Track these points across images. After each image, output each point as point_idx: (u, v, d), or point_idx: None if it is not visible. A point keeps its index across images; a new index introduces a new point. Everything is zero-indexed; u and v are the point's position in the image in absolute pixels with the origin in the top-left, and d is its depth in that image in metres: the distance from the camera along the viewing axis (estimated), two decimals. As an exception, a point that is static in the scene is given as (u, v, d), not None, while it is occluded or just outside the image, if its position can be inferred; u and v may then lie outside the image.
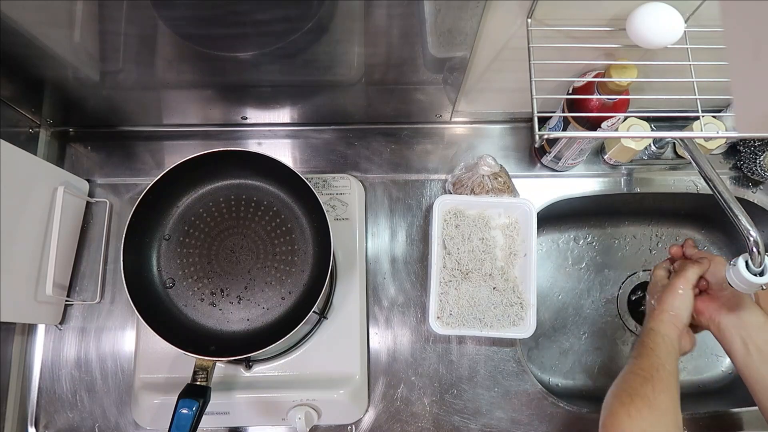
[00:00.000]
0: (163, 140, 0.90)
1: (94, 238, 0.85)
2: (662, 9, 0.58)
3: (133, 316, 0.82)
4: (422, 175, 0.89)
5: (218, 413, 0.75)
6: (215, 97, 0.83)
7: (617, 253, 1.00)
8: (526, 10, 0.62)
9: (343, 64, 0.73)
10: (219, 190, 0.76)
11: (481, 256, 0.81)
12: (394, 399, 0.80)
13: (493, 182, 0.82)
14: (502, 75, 0.76)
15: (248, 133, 0.91)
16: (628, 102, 0.72)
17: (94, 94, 0.80)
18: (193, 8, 0.59)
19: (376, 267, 0.85)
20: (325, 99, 0.84)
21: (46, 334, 0.82)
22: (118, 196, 0.88)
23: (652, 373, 0.64)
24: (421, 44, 0.67)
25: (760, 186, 0.89)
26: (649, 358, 0.65)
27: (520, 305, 0.80)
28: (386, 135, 0.91)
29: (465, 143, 0.91)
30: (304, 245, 0.75)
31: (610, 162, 0.88)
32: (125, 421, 0.79)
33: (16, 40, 0.64)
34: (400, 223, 0.87)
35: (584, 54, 0.69)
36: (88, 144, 0.90)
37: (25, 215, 0.73)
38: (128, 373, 0.80)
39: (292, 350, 0.78)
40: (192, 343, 0.66)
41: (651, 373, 0.64)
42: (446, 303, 0.80)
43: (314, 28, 0.63)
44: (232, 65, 0.72)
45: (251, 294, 0.73)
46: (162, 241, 0.74)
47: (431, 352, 0.82)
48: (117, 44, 0.67)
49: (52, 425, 0.79)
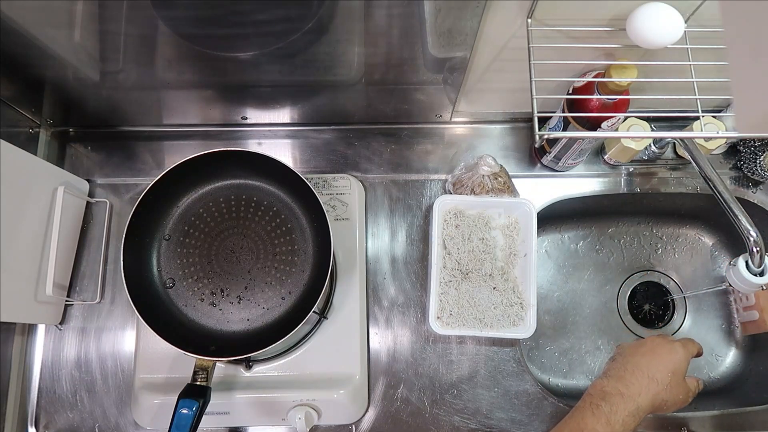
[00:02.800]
0: (163, 140, 0.90)
1: (94, 238, 0.85)
2: (662, 9, 0.58)
3: (133, 316, 0.82)
4: (422, 175, 0.89)
5: (218, 413, 0.75)
6: (215, 97, 0.83)
7: (617, 253, 1.00)
8: (526, 10, 0.62)
9: (343, 64, 0.73)
10: (219, 190, 0.76)
11: (481, 256, 0.81)
12: (394, 399, 0.80)
13: (493, 182, 0.82)
14: (502, 75, 0.76)
15: (248, 133, 0.91)
16: (628, 102, 0.72)
17: (94, 94, 0.80)
18: (193, 8, 0.59)
19: (376, 267, 0.85)
20: (325, 99, 0.84)
21: (46, 334, 0.82)
22: (118, 196, 0.88)
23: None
24: (421, 44, 0.67)
25: (760, 186, 0.89)
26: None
27: (520, 305, 0.80)
28: (386, 135, 0.91)
29: (465, 143, 0.91)
30: (304, 245, 0.75)
31: (610, 162, 0.88)
32: (125, 421, 0.79)
33: (16, 40, 0.64)
34: (400, 223, 0.87)
35: (584, 54, 0.69)
36: (88, 144, 0.90)
37: (25, 215, 0.73)
38: (128, 373, 0.80)
39: (292, 350, 0.78)
40: (192, 343, 0.66)
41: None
42: (446, 303, 0.80)
43: (314, 28, 0.63)
44: (232, 65, 0.72)
45: (251, 294, 0.73)
46: (162, 241, 0.74)
47: (431, 352, 0.82)
48: (117, 44, 0.67)
49: (52, 425, 0.79)
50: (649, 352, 0.68)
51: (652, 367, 0.66)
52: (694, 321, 0.96)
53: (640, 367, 0.66)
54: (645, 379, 0.65)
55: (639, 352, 0.68)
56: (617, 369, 0.67)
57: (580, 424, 0.61)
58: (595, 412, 0.62)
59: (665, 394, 0.65)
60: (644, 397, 0.63)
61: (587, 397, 0.65)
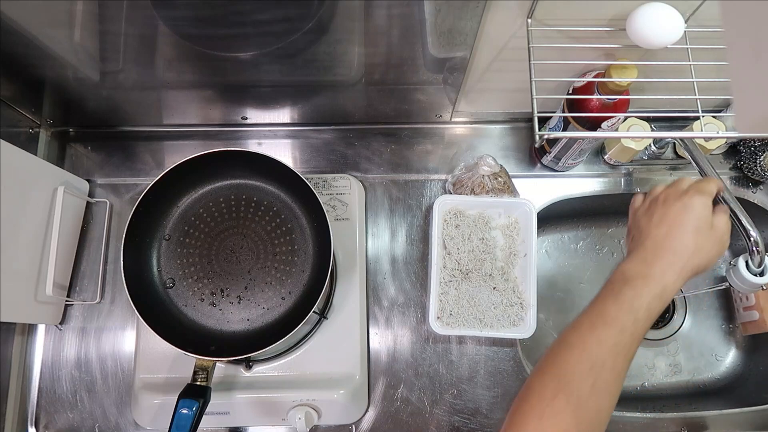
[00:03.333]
0: (163, 140, 0.90)
1: (94, 238, 0.85)
2: (662, 9, 0.58)
3: (133, 316, 0.82)
4: (422, 175, 0.89)
5: (218, 413, 0.75)
6: (215, 97, 0.83)
7: (617, 253, 1.00)
8: (526, 10, 0.62)
9: (343, 64, 0.72)
10: (219, 190, 0.76)
11: (481, 256, 0.81)
12: (394, 399, 0.80)
13: (493, 182, 0.82)
14: (502, 75, 0.76)
15: (248, 133, 0.91)
16: (628, 102, 0.72)
17: (94, 94, 0.80)
18: (193, 8, 0.59)
19: (376, 267, 0.85)
20: (325, 99, 0.84)
21: (46, 334, 0.82)
22: (118, 196, 0.88)
23: (604, 361, 0.50)
24: (421, 44, 0.67)
25: (760, 186, 0.89)
26: (611, 329, 0.51)
27: (520, 305, 0.80)
28: (386, 135, 0.91)
29: (465, 143, 0.91)
30: (304, 245, 0.75)
31: (610, 162, 0.88)
32: (125, 421, 0.79)
33: (16, 40, 0.64)
34: (400, 223, 0.87)
35: (584, 54, 0.69)
36: (88, 144, 0.90)
37: (25, 215, 0.73)
38: (128, 373, 0.80)
39: (292, 350, 0.78)
40: (192, 343, 0.66)
41: (603, 359, 0.50)
42: (446, 303, 0.80)
43: (314, 28, 0.63)
44: (232, 65, 0.72)
45: (251, 294, 0.73)
46: (162, 241, 0.74)
47: (431, 352, 0.82)
48: (117, 44, 0.67)
49: (52, 425, 0.79)
50: (662, 221, 0.59)
51: (670, 239, 0.57)
52: (694, 321, 0.96)
53: (658, 243, 0.58)
54: (667, 255, 0.57)
55: (652, 223, 0.60)
56: (636, 249, 0.59)
57: (601, 312, 0.54)
58: (618, 298, 0.54)
59: (695, 260, 0.57)
60: (670, 275, 0.55)
61: (608, 284, 0.57)
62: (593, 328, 0.52)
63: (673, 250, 0.57)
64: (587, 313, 0.55)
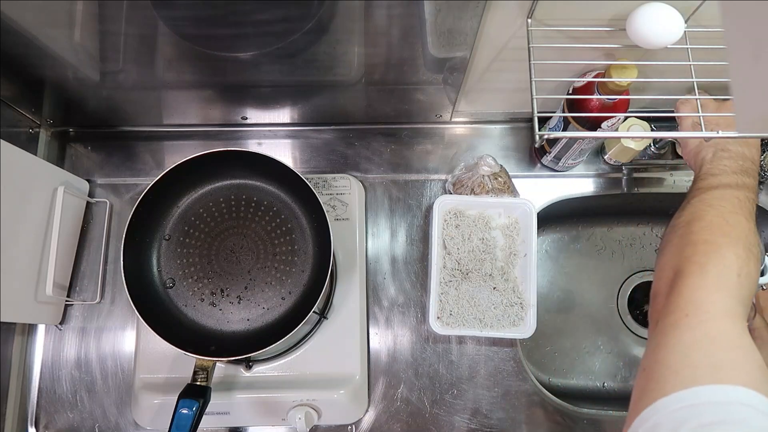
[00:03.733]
0: (163, 140, 0.91)
1: (94, 238, 0.85)
2: (662, 9, 0.58)
3: (133, 316, 0.82)
4: (422, 175, 0.89)
5: (218, 413, 0.75)
6: (215, 97, 0.83)
7: (617, 253, 1.00)
8: (526, 10, 0.62)
9: (343, 64, 0.73)
10: (219, 190, 0.76)
11: (481, 256, 0.81)
12: (394, 399, 0.80)
13: (493, 182, 0.82)
14: (502, 75, 0.76)
15: (248, 133, 0.91)
16: (628, 102, 0.72)
17: (94, 94, 0.80)
18: (193, 8, 0.59)
19: (376, 267, 0.85)
20: (325, 99, 0.84)
21: (46, 334, 0.82)
22: (118, 196, 0.88)
23: (728, 231, 0.53)
24: (421, 44, 0.67)
25: (761, 186, 0.89)
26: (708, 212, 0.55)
27: (520, 305, 0.80)
28: (386, 135, 0.91)
29: (465, 143, 0.91)
30: (304, 245, 0.75)
31: (610, 162, 0.88)
32: (125, 421, 0.79)
33: (16, 40, 0.64)
34: (400, 223, 0.87)
35: (584, 54, 0.69)
36: (88, 144, 0.90)
37: (25, 215, 0.73)
38: (128, 373, 0.80)
39: (292, 350, 0.78)
40: (192, 343, 0.66)
41: (717, 235, 0.53)
42: (446, 303, 0.80)
43: (314, 28, 0.63)
44: (232, 65, 0.72)
45: (251, 294, 0.73)
46: (162, 241, 0.74)
47: (431, 352, 0.82)
48: (117, 44, 0.67)
49: (52, 425, 0.79)
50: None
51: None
52: (694, 321, 0.96)
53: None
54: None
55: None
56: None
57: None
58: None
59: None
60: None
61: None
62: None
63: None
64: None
